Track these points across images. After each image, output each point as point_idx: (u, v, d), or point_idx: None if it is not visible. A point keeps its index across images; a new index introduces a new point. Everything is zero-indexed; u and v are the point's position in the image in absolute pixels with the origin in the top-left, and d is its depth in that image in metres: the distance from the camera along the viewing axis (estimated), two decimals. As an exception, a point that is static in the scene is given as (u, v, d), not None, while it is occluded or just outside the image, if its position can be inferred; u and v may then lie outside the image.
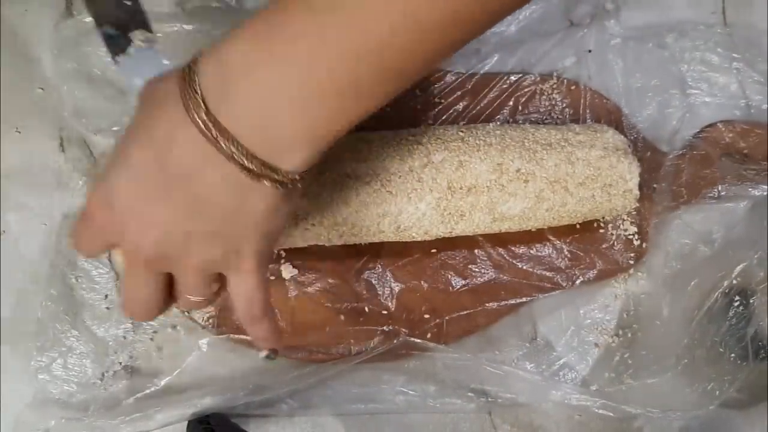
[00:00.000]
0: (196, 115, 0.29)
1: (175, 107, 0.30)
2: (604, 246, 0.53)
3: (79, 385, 0.47)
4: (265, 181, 0.31)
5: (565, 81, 0.56)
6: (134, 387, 0.48)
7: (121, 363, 0.48)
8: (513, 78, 0.55)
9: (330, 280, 0.50)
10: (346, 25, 0.28)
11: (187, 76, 0.30)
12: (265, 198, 0.31)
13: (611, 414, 0.48)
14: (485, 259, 0.52)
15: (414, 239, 0.47)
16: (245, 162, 0.30)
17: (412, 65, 0.30)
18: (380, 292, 0.50)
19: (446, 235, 0.48)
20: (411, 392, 0.49)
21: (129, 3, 0.35)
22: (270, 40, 0.29)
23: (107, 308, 0.49)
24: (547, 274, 0.52)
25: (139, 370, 0.48)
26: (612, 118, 0.55)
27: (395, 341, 0.48)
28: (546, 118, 0.55)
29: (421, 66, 0.31)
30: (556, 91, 0.56)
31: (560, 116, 0.55)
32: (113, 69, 0.51)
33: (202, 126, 0.29)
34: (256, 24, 0.30)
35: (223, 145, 0.29)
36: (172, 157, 0.30)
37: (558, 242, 0.53)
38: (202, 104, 0.29)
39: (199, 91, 0.29)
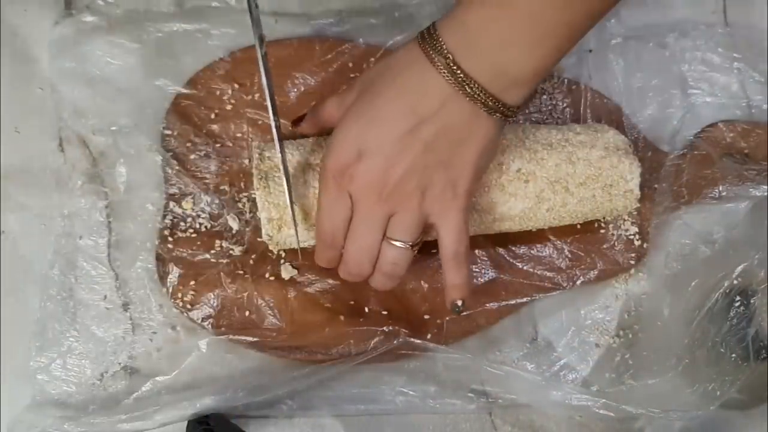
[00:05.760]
0: (443, 68, 0.38)
1: (419, 65, 0.38)
2: (604, 246, 0.53)
3: (78, 385, 0.47)
4: (497, 114, 0.39)
5: (566, 80, 0.56)
6: (133, 387, 0.47)
7: (120, 363, 0.48)
8: (513, 78, 0.55)
9: (330, 281, 0.50)
10: None
11: (428, 40, 0.38)
12: (489, 129, 0.40)
13: (612, 414, 0.48)
14: (485, 259, 0.52)
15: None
16: (484, 99, 0.38)
17: (603, 7, 0.38)
18: (380, 293, 0.50)
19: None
20: (411, 393, 0.49)
21: None
22: (499, 0, 0.37)
23: (107, 308, 0.48)
24: (548, 274, 0.52)
25: (139, 371, 0.48)
26: (613, 117, 0.55)
27: (395, 341, 0.48)
28: (547, 118, 0.55)
29: (609, 4, 0.38)
30: (557, 91, 0.56)
31: (561, 116, 0.55)
32: (112, 68, 0.51)
33: (448, 75, 0.38)
34: None
35: (467, 88, 0.38)
36: (422, 103, 0.38)
37: (558, 242, 0.53)
38: (449, 58, 0.37)
39: (445, 48, 0.38)
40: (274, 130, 0.41)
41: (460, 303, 0.43)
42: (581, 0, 0.37)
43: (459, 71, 0.37)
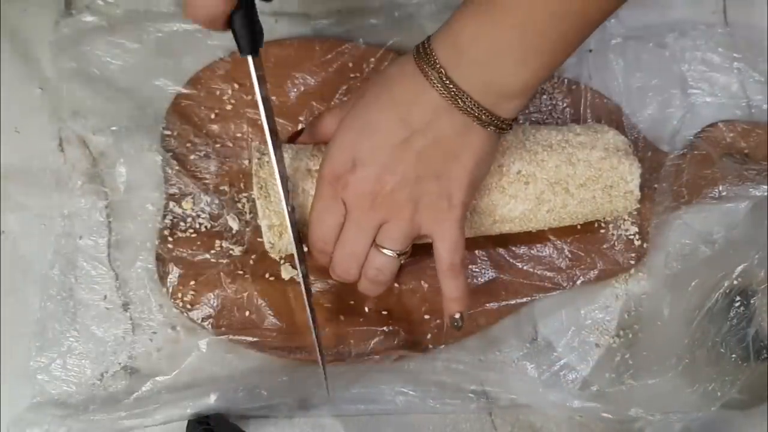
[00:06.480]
0: (436, 81, 0.38)
1: (413, 78, 0.39)
2: (604, 246, 0.53)
3: (78, 385, 0.47)
4: (490, 127, 0.39)
5: (566, 80, 0.56)
6: (133, 387, 0.47)
7: (120, 363, 0.48)
8: (513, 78, 0.55)
9: (330, 281, 0.50)
10: None
11: (422, 54, 0.39)
12: (484, 141, 0.40)
13: (612, 415, 0.48)
14: (485, 259, 0.52)
15: (415, 242, 0.47)
16: (477, 112, 0.38)
17: (599, 15, 0.37)
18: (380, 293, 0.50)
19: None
20: (411, 393, 0.49)
21: None
22: (490, 13, 0.37)
23: (107, 308, 0.48)
24: (548, 274, 0.52)
25: (139, 371, 0.48)
26: (613, 117, 0.55)
27: (394, 342, 0.48)
28: (547, 118, 0.55)
29: (606, 13, 0.38)
30: (557, 91, 0.56)
31: (561, 116, 0.55)
32: (112, 68, 0.51)
33: (441, 88, 0.38)
34: (475, 1, 0.37)
35: (459, 101, 0.38)
36: (413, 115, 0.39)
37: (559, 242, 0.53)
38: (442, 72, 0.38)
39: (437, 62, 0.38)
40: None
41: (458, 316, 0.43)
42: (574, 13, 0.36)
43: (451, 85, 0.38)
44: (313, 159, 0.45)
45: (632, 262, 0.53)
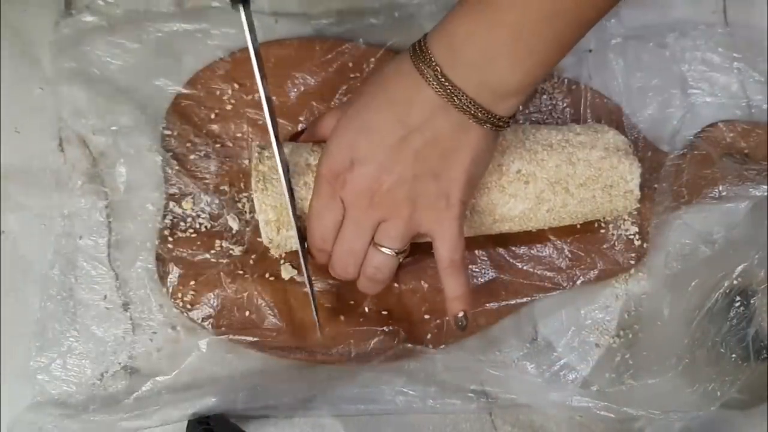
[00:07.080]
0: (432, 79, 0.38)
1: (409, 77, 0.39)
2: (604, 246, 0.53)
3: (78, 385, 0.47)
4: (486, 125, 0.39)
5: (566, 80, 0.56)
6: (133, 387, 0.47)
7: (120, 363, 0.48)
8: (513, 78, 0.55)
9: (330, 281, 0.50)
10: None
11: (418, 53, 0.39)
12: (480, 139, 0.40)
13: (612, 415, 0.48)
14: (485, 259, 0.52)
15: (413, 241, 0.47)
16: (473, 110, 0.38)
17: (595, 14, 0.37)
18: (380, 292, 0.50)
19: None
20: (411, 393, 0.49)
21: None
22: (484, 12, 0.37)
23: (107, 308, 0.48)
24: (548, 274, 0.52)
25: (139, 371, 0.48)
26: (613, 117, 0.55)
27: (395, 342, 0.48)
28: (547, 118, 0.55)
29: (602, 11, 0.38)
30: (557, 91, 0.56)
31: (561, 116, 0.55)
32: (112, 68, 0.51)
33: (437, 86, 0.38)
34: (470, 1, 0.38)
35: (455, 99, 0.38)
36: (410, 114, 0.39)
37: (558, 242, 0.53)
38: (437, 70, 0.38)
39: (433, 61, 0.38)
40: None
41: (461, 315, 0.43)
42: (569, 12, 0.36)
43: (447, 83, 0.38)
44: (313, 154, 0.45)
45: (632, 262, 0.53)
